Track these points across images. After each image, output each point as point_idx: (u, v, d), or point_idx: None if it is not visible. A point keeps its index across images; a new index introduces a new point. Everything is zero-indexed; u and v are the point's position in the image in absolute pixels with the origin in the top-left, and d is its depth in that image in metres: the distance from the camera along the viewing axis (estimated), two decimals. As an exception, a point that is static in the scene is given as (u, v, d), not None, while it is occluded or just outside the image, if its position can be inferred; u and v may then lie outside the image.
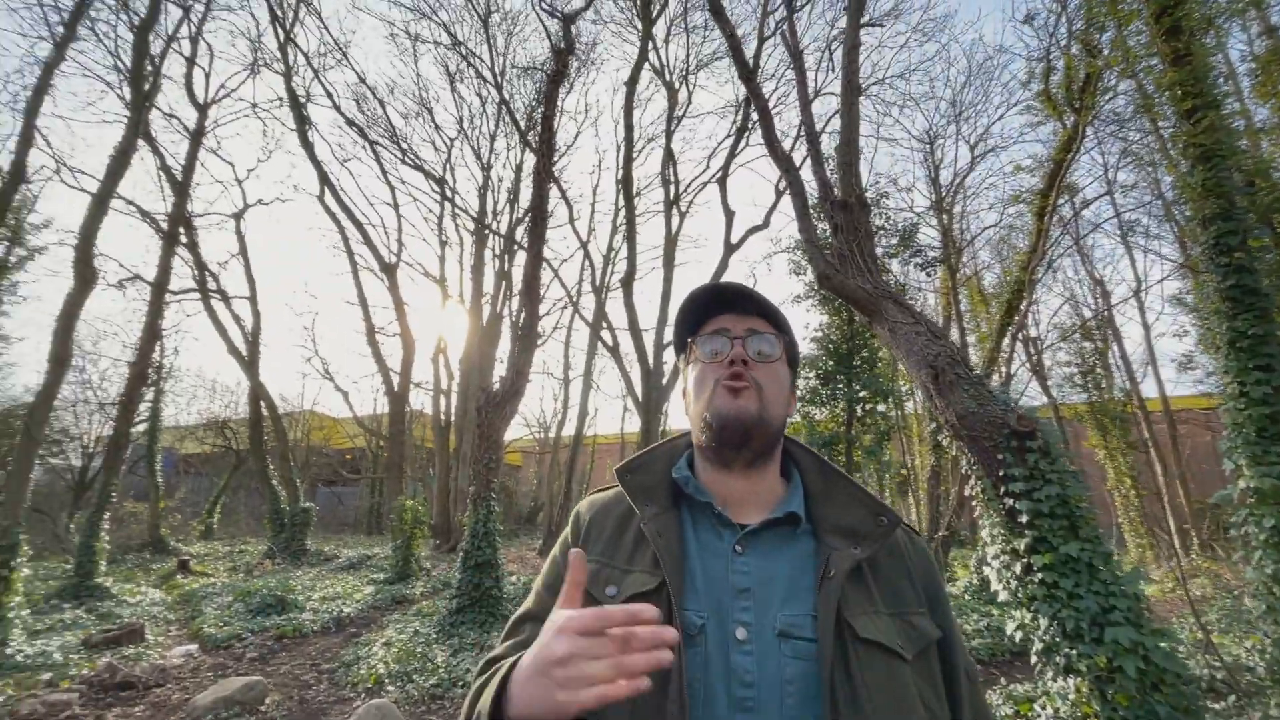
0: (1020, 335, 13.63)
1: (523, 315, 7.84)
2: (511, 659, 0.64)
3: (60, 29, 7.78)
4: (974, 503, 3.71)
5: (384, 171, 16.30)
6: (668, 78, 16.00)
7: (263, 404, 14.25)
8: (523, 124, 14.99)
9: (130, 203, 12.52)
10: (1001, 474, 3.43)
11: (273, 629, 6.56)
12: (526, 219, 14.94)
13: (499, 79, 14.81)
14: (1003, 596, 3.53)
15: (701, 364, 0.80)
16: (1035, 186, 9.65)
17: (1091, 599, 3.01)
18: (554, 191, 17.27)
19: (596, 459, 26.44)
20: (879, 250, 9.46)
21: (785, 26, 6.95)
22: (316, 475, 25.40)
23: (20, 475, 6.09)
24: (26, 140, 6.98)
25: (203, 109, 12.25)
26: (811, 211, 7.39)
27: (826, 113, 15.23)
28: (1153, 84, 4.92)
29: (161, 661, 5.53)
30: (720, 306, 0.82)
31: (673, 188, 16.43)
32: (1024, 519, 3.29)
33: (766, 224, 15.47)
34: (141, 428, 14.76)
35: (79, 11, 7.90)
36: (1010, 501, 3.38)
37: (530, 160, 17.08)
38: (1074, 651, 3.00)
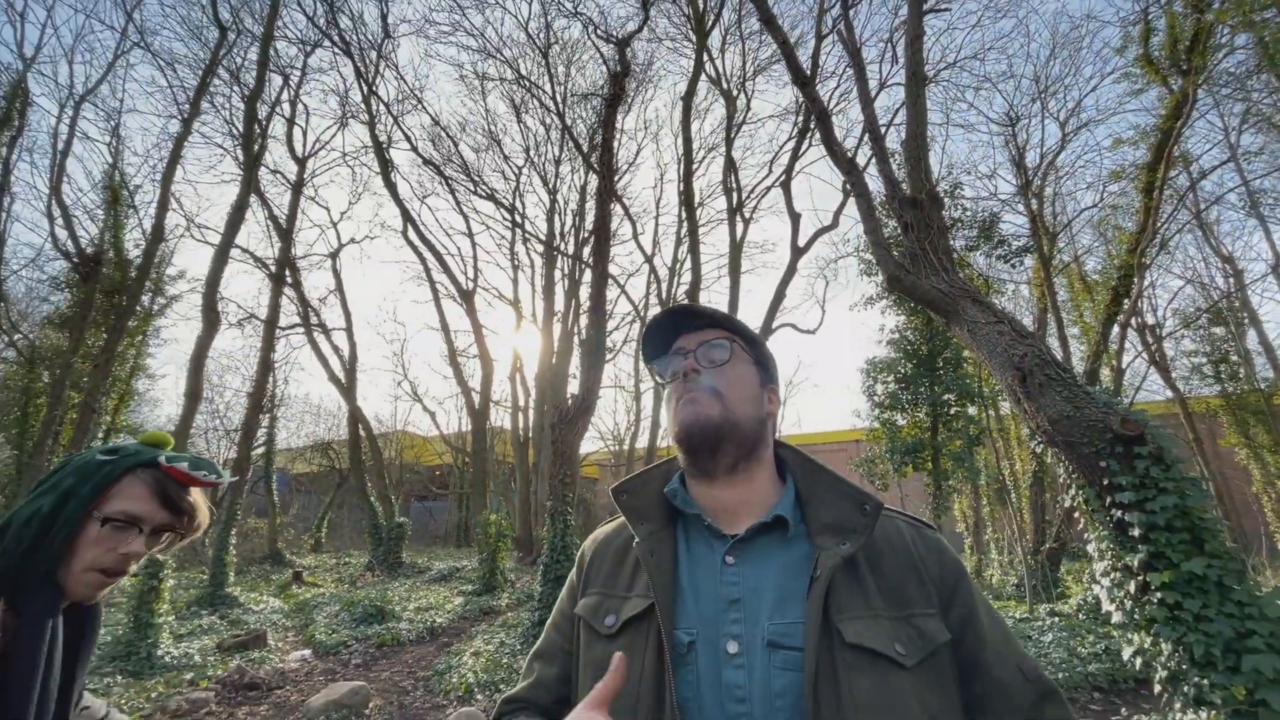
0: (1133, 323, 12.34)
1: (590, 332, 8.04)
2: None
3: (187, 107, 8.98)
4: (1077, 514, 3.40)
5: (459, 204, 17.31)
6: (725, 86, 15.98)
7: (360, 426, 15.41)
8: (585, 147, 15.46)
9: (245, 251, 14.05)
10: (1106, 483, 3.13)
11: (374, 637, 7.04)
12: (591, 239, 15.30)
13: (560, 106, 15.39)
14: (1116, 618, 3.20)
15: (666, 386, 0.81)
16: (1140, 160, 8.76)
17: (1224, 622, 2.67)
18: (617, 209, 17.64)
19: (672, 471, 26.44)
20: (957, 245, 8.94)
21: (841, 24, 6.79)
22: (409, 491, 27.06)
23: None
24: (164, 205, 8.09)
25: (302, 162, 13.61)
26: (879, 210, 7.13)
27: (894, 104, 14.62)
28: (1270, 36, 4.37)
29: (281, 665, 6.08)
30: (676, 329, 0.83)
31: (735, 195, 16.34)
32: (1136, 532, 2.99)
33: (835, 224, 15.00)
34: (259, 451, 16.41)
35: (201, 90, 9.08)
36: (1119, 513, 3.08)
37: (594, 181, 17.58)
38: (1205, 681, 2.67)
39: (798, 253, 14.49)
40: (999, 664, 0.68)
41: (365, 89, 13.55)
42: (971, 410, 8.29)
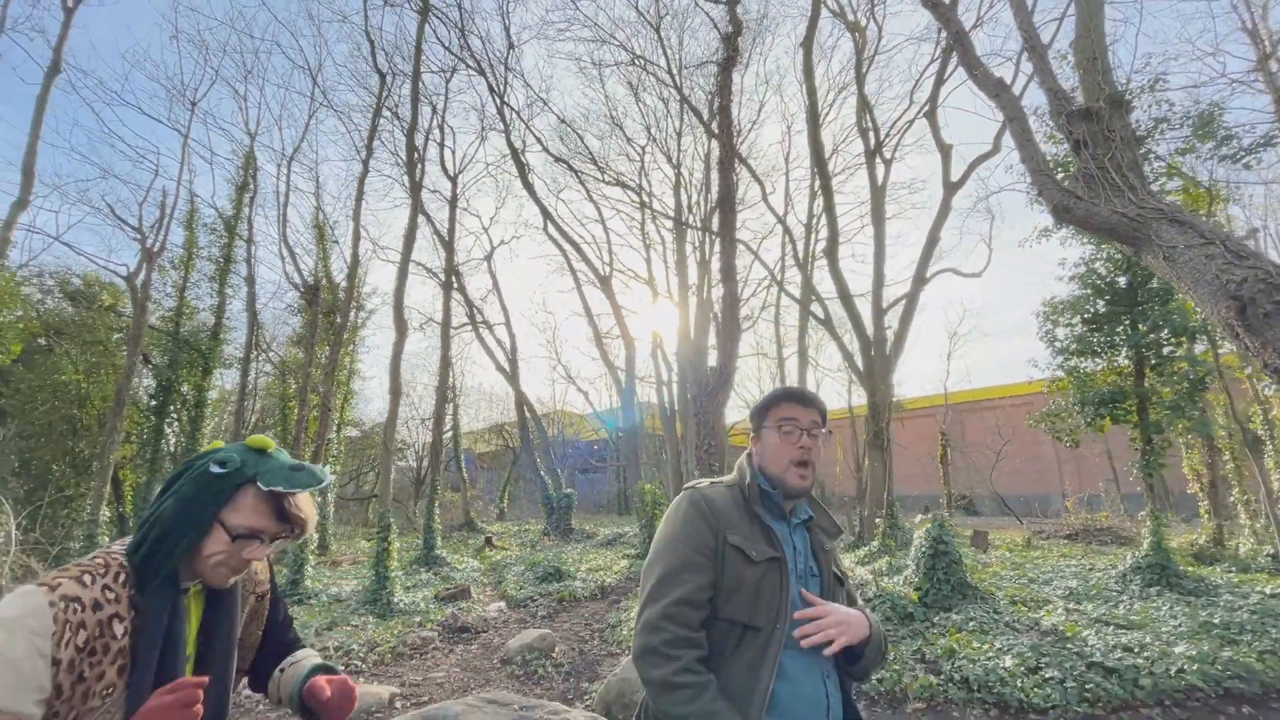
0: None
1: (725, 304, 8.08)
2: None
3: (364, 149, 10.61)
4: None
5: (589, 193, 18.11)
6: (851, 17, 14.60)
7: (526, 409, 17.13)
8: (705, 114, 15.22)
9: (419, 264, 16.23)
10: (1372, 429, 2.51)
11: (554, 593, 7.97)
12: (717, 208, 15.11)
13: (677, 79, 15.29)
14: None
15: (779, 436, 1.35)
16: None
17: None
18: (744, 173, 17.17)
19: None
20: (1163, 150, 7.34)
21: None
22: (572, 464, 29.49)
23: (385, 476, 8.55)
24: (356, 237, 9.71)
25: (454, 179, 15.27)
26: (1048, 127, 6.18)
27: (1065, -8, 12.20)
28: None
29: (484, 614, 7.18)
30: (792, 399, 1.39)
31: (873, 135, 14.97)
32: None
33: (996, 149, 13.09)
34: (448, 436, 19.06)
35: (372, 132, 10.65)
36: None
37: (717, 148, 17.24)
38: None
39: (951, 189, 12.95)
40: (847, 583, 1.44)
41: (498, 101, 14.72)
42: (1198, 348, 6.82)
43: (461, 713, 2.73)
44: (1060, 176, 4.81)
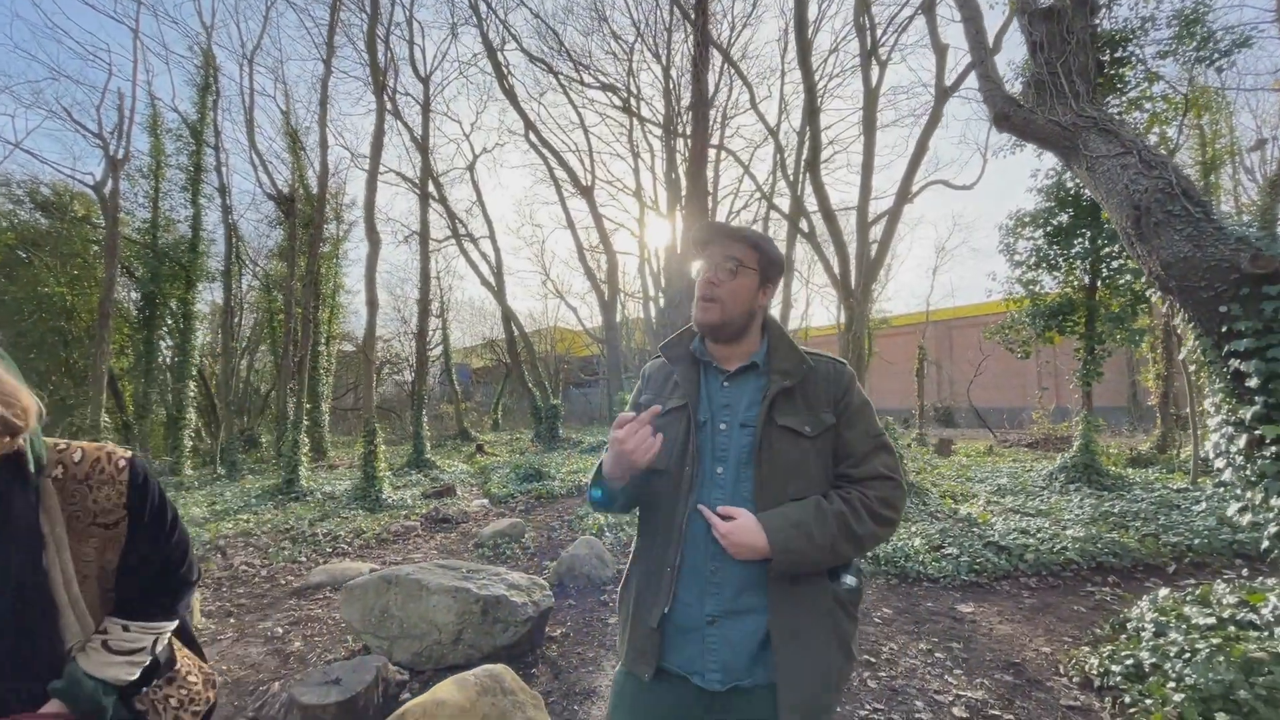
0: None
1: (693, 215, 8.07)
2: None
3: (324, 47, 10.00)
4: (1191, 367, 3.05)
5: (570, 97, 17.23)
6: (854, -106, 13.24)
7: (512, 324, 17.34)
8: (692, 6, 14.18)
9: (397, 174, 15.78)
10: (1225, 330, 2.75)
11: (533, 491, 8.60)
12: (688, 108, 14.54)
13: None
14: (1226, 475, 2.95)
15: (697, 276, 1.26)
16: None
17: (1343, 476, 2.38)
18: (735, 77, 16.27)
19: (810, 351, 25.91)
20: (1147, 53, 7.03)
21: None
22: (566, 379, 30.18)
23: (368, 386, 8.91)
24: (324, 144, 9.40)
25: (425, 80, 14.47)
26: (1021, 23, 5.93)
27: None
28: None
29: (466, 509, 7.80)
30: (711, 238, 1.24)
31: (869, 35, 14.07)
32: (1253, 383, 2.65)
33: (996, 49, 12.37)
34: (438, 350, 19.39)
35: (332, 25, 9.99)
36: (1236, 363, 2.73)
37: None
38: (1307, 536, 2.46)
39: (944, 94, 12.33)
40: (855, 430, 1.19)
41: (469, -9, 13.65)
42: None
43: (414, 572, 3.17)
44: (1022, 81, 4.73)
